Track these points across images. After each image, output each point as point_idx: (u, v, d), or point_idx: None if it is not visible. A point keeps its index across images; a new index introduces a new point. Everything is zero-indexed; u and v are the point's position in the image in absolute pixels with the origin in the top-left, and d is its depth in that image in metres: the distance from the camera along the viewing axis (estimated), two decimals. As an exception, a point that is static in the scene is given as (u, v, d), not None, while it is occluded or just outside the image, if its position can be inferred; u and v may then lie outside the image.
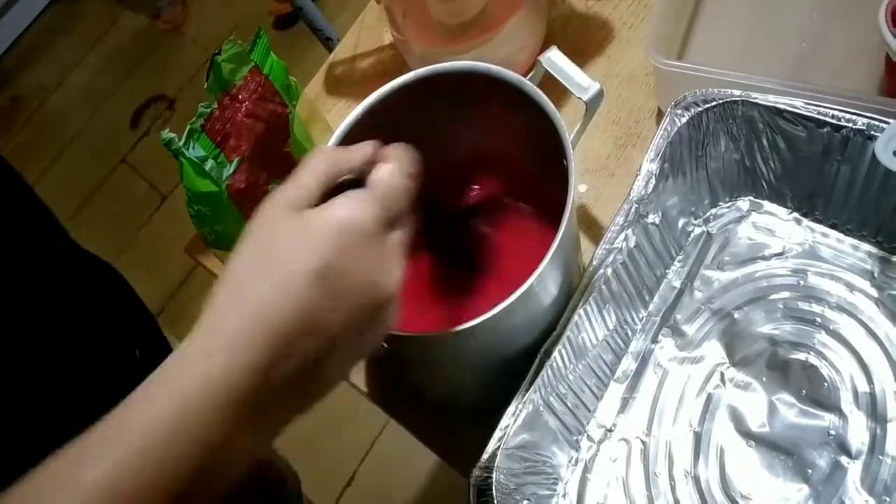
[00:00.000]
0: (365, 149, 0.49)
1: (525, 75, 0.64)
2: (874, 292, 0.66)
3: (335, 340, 0.42)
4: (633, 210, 0.66)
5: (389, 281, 0.44)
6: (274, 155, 0.71)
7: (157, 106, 2.34)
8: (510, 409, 0.60)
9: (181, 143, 0.65)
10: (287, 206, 0.44)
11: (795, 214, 0.71)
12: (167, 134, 0.63)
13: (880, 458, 0.59)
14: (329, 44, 1.46)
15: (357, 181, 0.48)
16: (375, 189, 0.46)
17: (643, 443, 0.65)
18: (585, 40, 0.87)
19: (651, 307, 0.70)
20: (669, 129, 0.67)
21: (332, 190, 0.46)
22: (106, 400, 0.41)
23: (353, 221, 0.43)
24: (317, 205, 0.45)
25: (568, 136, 0.59)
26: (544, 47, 0.69)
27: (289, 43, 2.11)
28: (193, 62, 2.34)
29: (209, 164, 0.66)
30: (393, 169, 0.48)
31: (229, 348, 0.39)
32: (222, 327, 0.41)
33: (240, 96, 0.68)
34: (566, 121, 0.60)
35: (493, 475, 0.57)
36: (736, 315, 0.68)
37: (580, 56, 0.84)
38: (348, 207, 0.44)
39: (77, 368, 0.66)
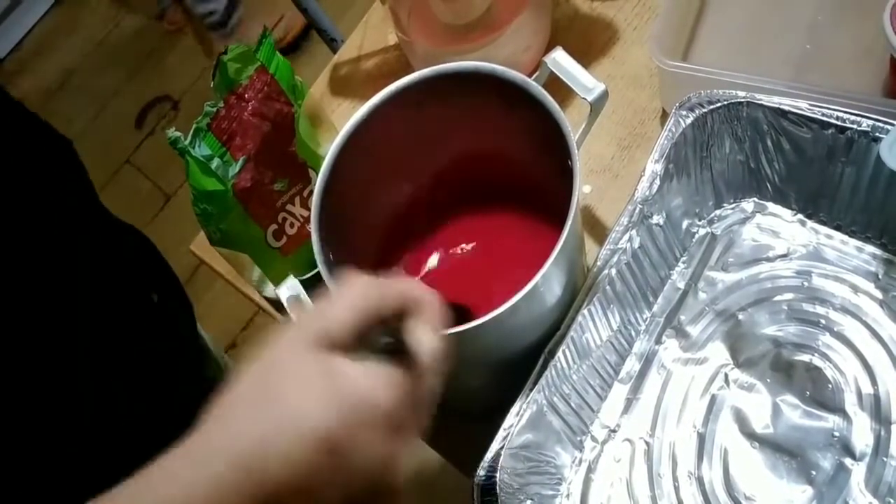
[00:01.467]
0: (405, 289, 0.44)
1: (530, 76, 0.64)
2: (878, 294, 0.66)
3: None
4: (637, 211, 0.66)
5: (397, 475, 0.41)
6: (279, 154, 0.71)
7: (162, 106, 2.35)
8: (514, 409, 0.60)
9: (187, 142, 0.65)
10: (314, 341, 0.39)
11: (800, 216, 0.71)
12: (173, 133, 0.63)
13: (884, 459, 0.59)
14: (333, 44, 1.46)
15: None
16: (420, 369, 0.41)
17: (647, 443, 0.65)
18: (590, 41, 0.87)
19: (655, 308, 0.70)
20: (674, 130, 0.67)
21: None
22: (127, 344, 0.40)
23: (381, 400, 0.39)
24: (347, 348, 0.40)
25: (573, 137, 0.59)
26: (548, 48, 0.70)
27: (293, 43, 2.12)
28: (198, 62, 2.34)
29: (215, 163, 0.66)
30: (438, 343, 0.42)
31: (214, 496, 0.36)
32: (211, 465, 0.37)
33: (246, 95, 0.68)
34: (571, 121, 0.60)
35: (497, 475, 0.57)
36: (740, 316, 0.68)
37: (584, 57, 0.84)
38: (383, 381, 0.39)
39: (103, 312, 0.64)
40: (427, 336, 0.42)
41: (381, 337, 0.42)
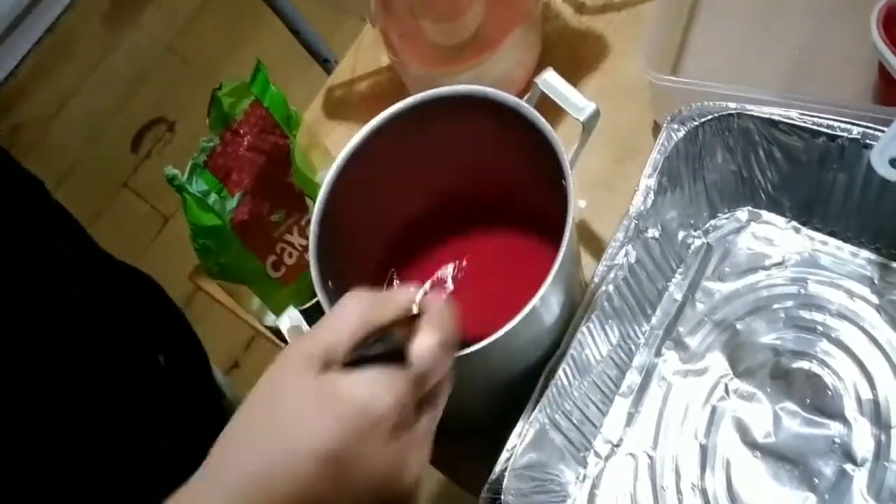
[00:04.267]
0: (405, 300, 0.44)
1: (522, 94, 0.65)
2: (874, 299, 0.66)
3: None
4: (632, 226, 0.66)
5: (406, 481, 0.40)
6: (276, 185, 0.71)
7: (158, 128, 2.35)
8: (517, 430, 0.60)
9: (184, 179, 0.65)
10: (309, 361, 0.40)
11: (794, 223, 0.71)
12: (171, 170, 0.64)
13: (886, 464, 0.60)
14: (327, 65, 1.47)
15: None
16: (413, 369, 0.41)
17: (650, 457, 0.65)
18: (581, 55, 0.87)
19: (653, 321, 0.70)
20: (666, 143, 0.68)
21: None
22: (125, 406, 0.40)
23: (377, 407, 0.38)
24: (345, 363, 0.40)
25: (566, 157, 0.60)
26: (540, 63, 0.70)
27: (285, 65, 2.12)
28: (192, 84, 2.35)
29: (212, 198, 0.67)
30: (435, 342, 0.42)
31: None
32: (217, 492, 0.38)
33: (241, 131, 0.68)
34: (564, 139, 0.61)
35: (502, 497, 0.57)
36: (738, 326, 0.68)
37: (576, 72, 0.84)
38: (377, 388, 0.39)
39: (101, 371, 0.63)
40: (421, 338, 0.42)
41: (379, 344, 0.42)
